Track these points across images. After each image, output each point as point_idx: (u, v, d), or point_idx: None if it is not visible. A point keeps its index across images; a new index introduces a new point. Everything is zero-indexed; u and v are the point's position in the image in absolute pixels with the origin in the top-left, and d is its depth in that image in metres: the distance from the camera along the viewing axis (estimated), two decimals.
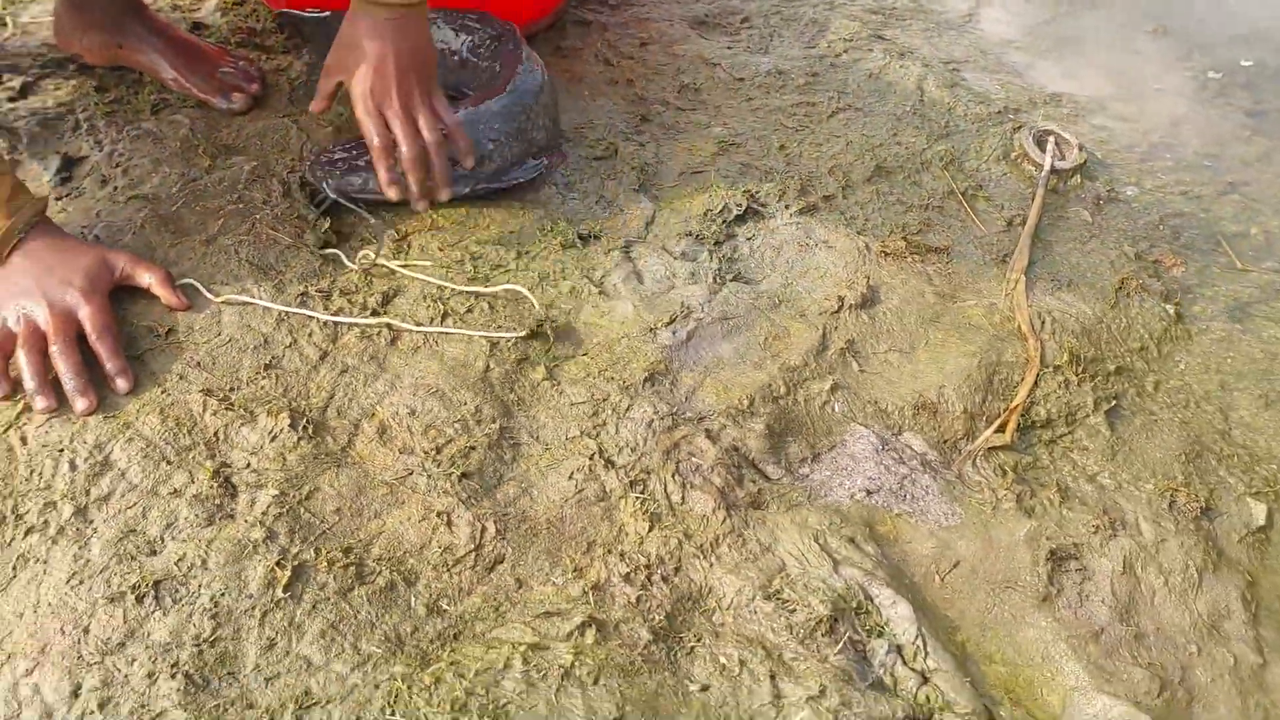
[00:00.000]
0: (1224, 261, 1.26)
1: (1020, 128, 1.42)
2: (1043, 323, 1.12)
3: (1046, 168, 1.35)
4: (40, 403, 0.91)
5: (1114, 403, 1.06)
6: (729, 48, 1.58)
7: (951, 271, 1.18)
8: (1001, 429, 1.01)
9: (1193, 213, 1.34)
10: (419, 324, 1.06)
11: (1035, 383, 1.04)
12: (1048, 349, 1.09)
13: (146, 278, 1.02)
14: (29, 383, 0.92)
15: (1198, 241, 1.29)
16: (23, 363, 0.93)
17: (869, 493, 0.96)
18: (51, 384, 0.93)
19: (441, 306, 1.08)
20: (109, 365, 0.94)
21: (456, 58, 1.32)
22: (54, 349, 0.94)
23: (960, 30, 1.73)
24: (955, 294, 1.16)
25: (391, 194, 1.11)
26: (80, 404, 0.92)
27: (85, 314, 0.96)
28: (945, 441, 1.02)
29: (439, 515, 0.90)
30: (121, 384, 0.94)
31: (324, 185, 1.15)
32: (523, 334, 1.05)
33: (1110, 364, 1.09)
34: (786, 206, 1.25)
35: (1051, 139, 1.40)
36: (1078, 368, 1.07)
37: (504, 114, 1.19)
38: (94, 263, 0.99)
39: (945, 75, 1.55)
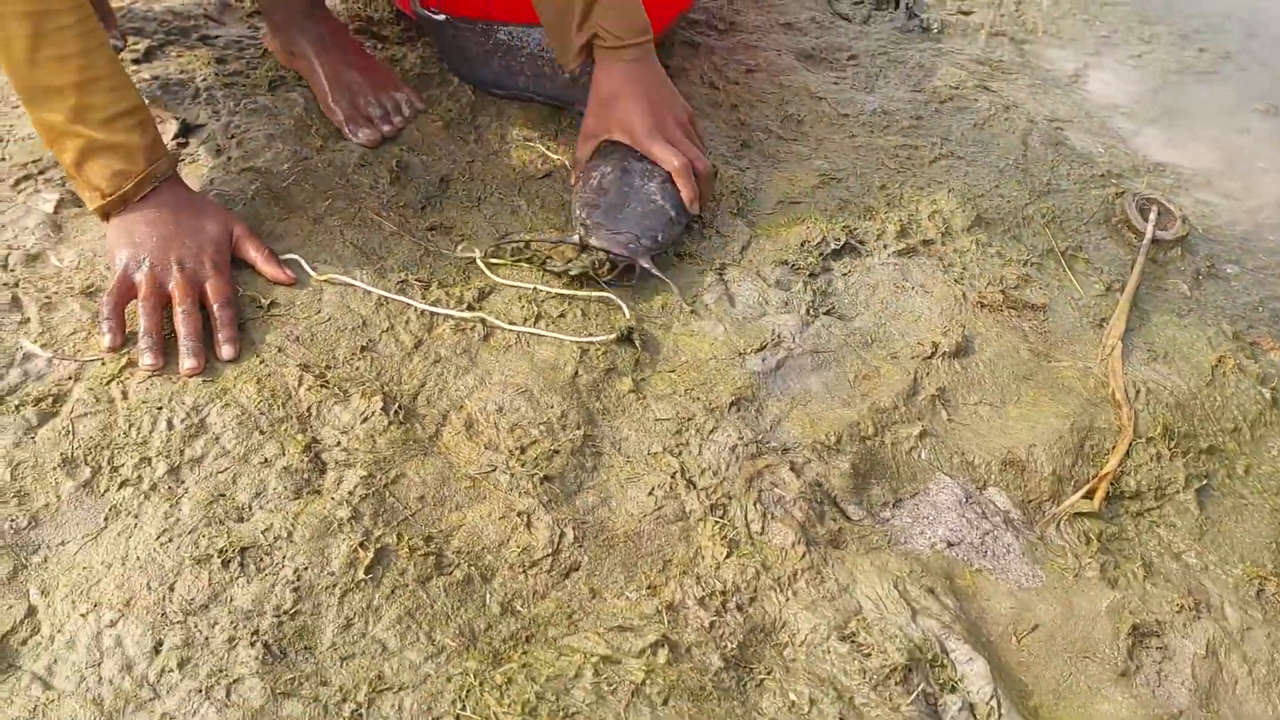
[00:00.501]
0: None
1: (1123, 193, 1.40)
2: (1137, 392, 1.10)
3: (1148, 236, 1.33)
4: (148, 359, 0.93)
5: (1204, 481, 1.03)
6: (835, 83, 1.58)
7: (1047, 330, 1.17)
8: (1089, 495, 0.99)
9: None
10: (512, 323, 1.06)
11: (1127, 452, 1.03)
12: (1141, 419, 1.07)
13: (253, 254, 1.04)
14: (144, 339, 0.94)
15: None
16: (142, 317, 0.94)
17: (950, 544, 0.95)
18: (163, 343, 0.95)
19: (535, 308, 1.09)
20: (222, 334, 0.96)
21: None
22: (180, 310, 0.95)
23: (1066, 89, 1.72)
24: (1050, 353, 1.14)
25: (695, 208, 1.17)
26: (189, 363, 0.93)
27: (212, 284, 0.98)
28: (1030, 501, 1.00)
29: (519, 515, 0.90)
30: (228, 351, 0.96)
31: (629, 248, 1.10)
32: (612, 337, 1.05)
33: (1203, 441, 1.07)
34: (884, 246, 1.24)
35: (1154, 208, 1.38)
36: (1170, 442, 1.04)
37: None
38: (221, 232, 1.03)
39: (1050, 133, 1.54)
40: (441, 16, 1.35)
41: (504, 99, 1.40)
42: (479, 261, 1.13)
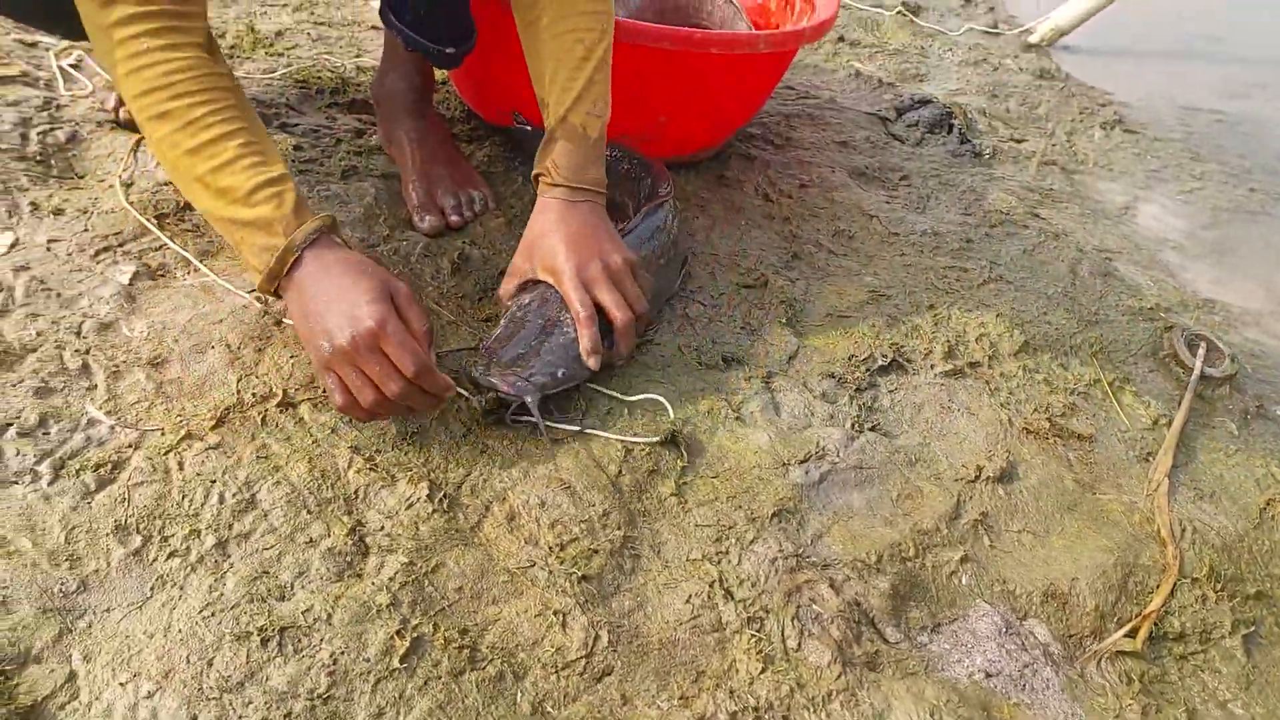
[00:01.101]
0: None
1: (1172, 328, 1.41)
2: (1183, 531, 1.08)
3: (1196, 372, 1.33)
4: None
5: (1251, 628, 1.01)
6: (887, 202, 1.61)
7: (1093, 461, 1.16)
8: (1132, 634, 0.97)
9: None
10: (557, 420, 1.08)
11: (1171, 592, 1.01)
12: (1187, 559, 1.05)
13: (414, 325, 0.98)
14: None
15: None
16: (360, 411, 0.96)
17: (988, 675, 0.93)
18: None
19: (583, 405, 1.11)
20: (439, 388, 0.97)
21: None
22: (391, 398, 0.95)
23: (1116, 221, 1.74)
24: (1095, 485, 1.13)
25: (593, 363, 1.09)
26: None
27: (411, 370, 0.94)
28: (1071, 636, 0.98)
29: (555, 614, 0.90)
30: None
31: (515, 387, 1.03)
32: (656, 439, 1.06)
33: (1250, 586, 1.05)
34: (931, 366, 1.25)
35: (1203, 345, 1.38)
36: (1216, 584, 1.03)
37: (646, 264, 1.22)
38: (382, 308, 0.95)
39: (1099, 263, 1.55)
40: (529, 126, 1.41)
41: None
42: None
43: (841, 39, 2.24)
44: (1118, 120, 2.10)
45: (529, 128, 1.42)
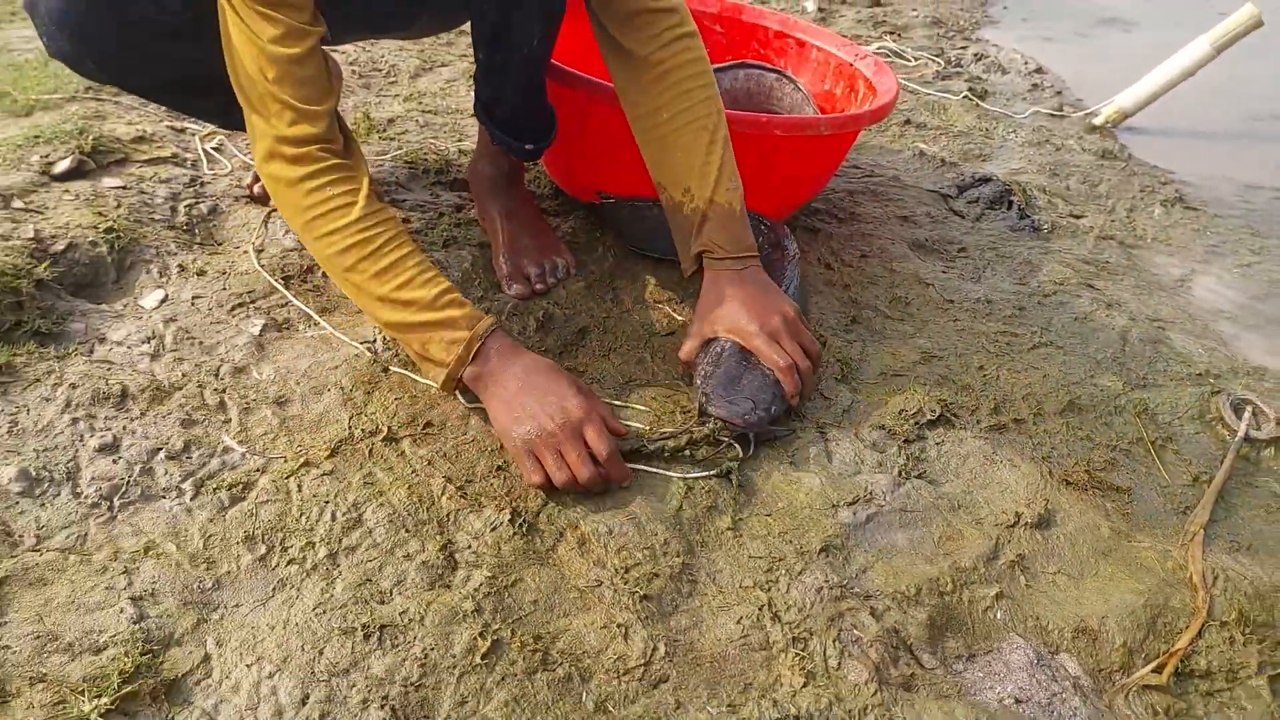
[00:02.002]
0: None
1: (1219, 392, 1.47)
2: (1215, 578, 1.14)
3: (1241, 433, 1.39)
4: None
5: (1279, 669, 1.06)
6: (943, 272, 1.72)
7: (1130, 512, 1.23)
8: (1159, 670, 1.03)
9: None
10: (626, 457, 1.20)
11: (1200, 633, 1.07)
12: (1217, 604, 1.11)
13: (610, 420, 1.18)
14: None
15: None
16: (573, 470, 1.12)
17: (1018, 700, 1.00)
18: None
19: (648, 445, 1.23)
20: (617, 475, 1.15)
21: None
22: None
23: (1171, 292, 1.80)
24: (1131, 533, 1.20)
25: (795, 401, 1.27)
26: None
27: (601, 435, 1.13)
28: (1100, 670, 1.05)
29: (618, 626, 1.00)
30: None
31: (744, 418, 1.22)
32: (713, 473, 1.17)
33: (1278, 632, 1.10)
34: (978, 421, 1.34)
35: (1249, 409, 1.44)
36: (1245, 628, 1.08)
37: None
38: (576, 392, 1.16)
39: (1150, 331, 1.62)
40: (614, 199, 1.57)
41: (650, 259, 1.59)
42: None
43: (908, 121, 2.37)
44: (1178, 198, 2.16)
45: (611, 200, 1.58)
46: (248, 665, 0.90)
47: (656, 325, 1.47)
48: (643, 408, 1.30)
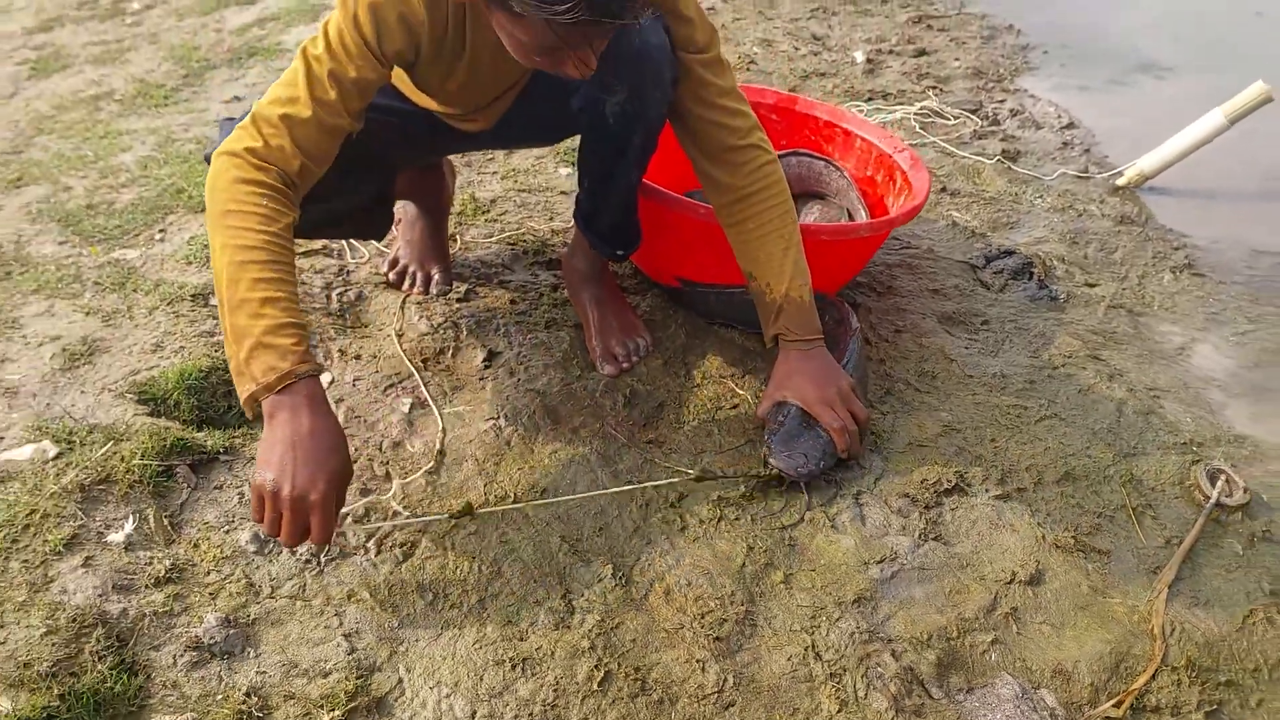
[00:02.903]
0: None
1: (1198, 461, 1.74)
2: (1172, 630, 1.43)
3: (1212, 501, 1.66)
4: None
5: (1216, 707, 1.35)
6: (966, 347, 2.00)
7: (1108, 572, 1.52)
8: (1118, 705, 1.33)
9: None
10: (701, 521, 1.52)
11: (1153, 676, 1.36)
12: (1171, 651, 1.40)
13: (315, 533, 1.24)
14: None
15: None
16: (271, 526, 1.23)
17: None
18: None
19: (719, 510, 1.54)
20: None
21: None
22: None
23: (1170, 361, 2.07)
24: (1106, 590, 1.49)
25: (845, 455, 1.62)
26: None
27: (316, 526, 1.22)
28: (1073, 703, 1.35)
29: (697, 661, 1.33)
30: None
31: (797, 470, 1.57)
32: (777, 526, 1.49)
33: (1223, 676, 1.38)
34: (987, 490, 1.63)
35: (1223, 477, 1.71)
36: (1191, 672, 1.37)
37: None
38: (338, 482, 1.25)
39: (1146, 401, 1.89)
40: (690, 283, 1.90)
41: (715, 336, 1.90)
42: (691, 479, 1.59)
43: (944, 189, 2.64)
44: (1187, 264, 2.41)
45: (689, 285, 1.90)
46: (430, 688, 1.24)
47: (722, 400, 1.78)
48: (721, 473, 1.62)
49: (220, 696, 1.18)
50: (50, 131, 2.53)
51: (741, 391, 1.80)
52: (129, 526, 1.34)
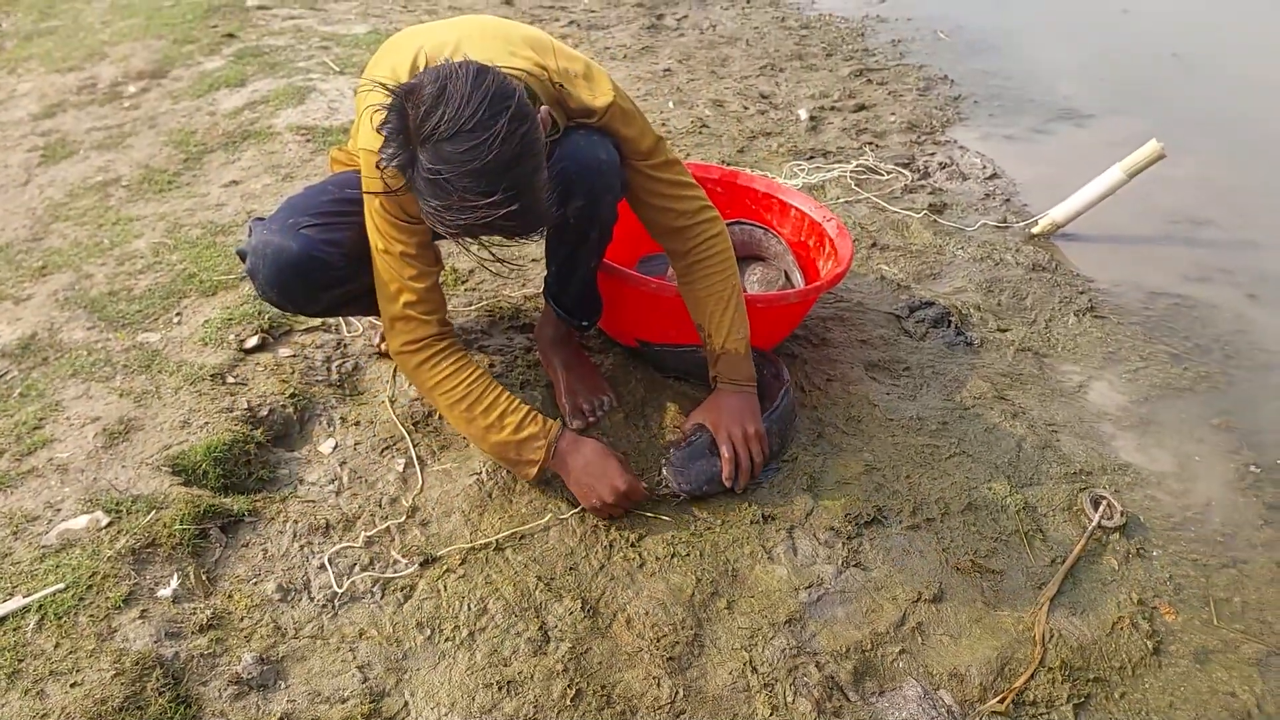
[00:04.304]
0: (1205, 617, 1.80)
1: (1085, 489, 2.03)
2: (1051, 636, 1.71)
3: (1093, 524, 1.95)
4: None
5: (1084, 699, 1.62)
6: (888, 392, 2.29)
7: (999, 589, 1.80)
8: (1001, 701, 1.61)
9: (1196, 577, 1.88)
10: (657, 558, 1.79)
11: (1031, 676, 1.64)
12: (1048, 654, 1.68)
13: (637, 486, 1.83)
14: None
15: (1192, 599, 1.84)
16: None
17: None
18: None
19: (672, 548, 1.81)
20: None
21: None
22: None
23: (1069, 398, 2.36)
24: (998, 604, 1.77)
25: (729, 484, 1.92)
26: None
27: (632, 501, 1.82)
28: (966, 701, 1.62)
29: (654, 678, 1.59)
30: None
31: (678, 485, 1.90)
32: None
33: (1091, 673, 1.67)
34: (900, 521, 1.92)
35: (1104, 502, 2.00)
36: (1064, 671, 1.65)
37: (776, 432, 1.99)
38: (614, 466, 1.83)
39: (1044, 436, 2.19)
40: (648, 344, 2.18)
41: (670, 389, 2.18)
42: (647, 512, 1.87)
43: (874, 244, 2.94)
44: (1090, 307, 2.72)
45: (647, 345, 2.18)
46: (431, 708, 1.50)
47: (669, 449, 2.06)
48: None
49: None
50: (66, 219, 2.78)
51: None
52: (174, 583, 1.59)
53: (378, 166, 1.48)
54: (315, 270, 1.75)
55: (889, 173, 3.38)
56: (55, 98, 3.66)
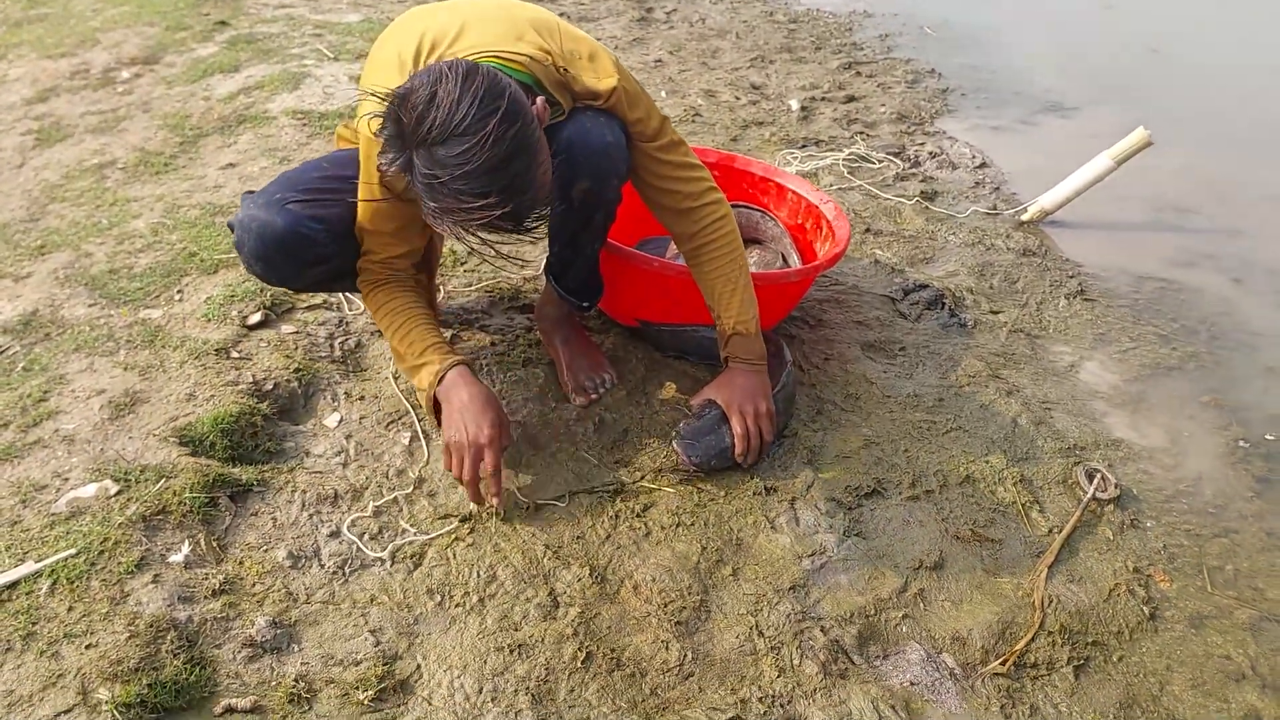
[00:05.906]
0: (1199, 584, 1.84)
1: (1079, 463, 2.07)
2: (1050, 602, 1.74)
3: (1088, 496, 1.99)
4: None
5: (1084, 661, 1.66)
6: (885, 371, 2.32)
7: (999, 557, 1.83)
8: (1004, 663, 1.64)
9: (1190, 546, 1.92)
10: (663, 527, 1.81)
11: (1032, 639, 1.67)
12: (1047, 619, 1.71)
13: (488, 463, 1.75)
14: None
15: (1186, 567, 1.88)
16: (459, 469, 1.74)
17: (913, 684, 1.61)
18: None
19: (677, 518, 1.84)
20: (493, 491, 1.75)
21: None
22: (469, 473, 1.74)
23: (1061, 377, 2.40)
24: (998, 572, 1.80)
25: (740, 460, 1.94)
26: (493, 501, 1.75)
27: (488, 457, 1.73)
28: (967, 663, 1.65)
29: (662, 642, 1.61)
30: (495, 503, 1.76)
31: (688, 458, 1.92)
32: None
33: (1090, 638, 1.70)
34: (900, 493, 1.95)
35: (1099, 475, 2.04)
36: (1063, 635, 1.68)
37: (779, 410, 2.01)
38: (495, 419, 1.76)
39: (1038, 413, 2.22)
40: (649, 324, 2.20)
41: (671, 367, 2.20)
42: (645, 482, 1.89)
43: (868, 229, 2.97)
44: (1080, 291, 2.77)
45: (643, 326, 2.20)
46: (444, 670, 1.52)
47: (679, 423, 2.08)
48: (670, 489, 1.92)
49: (274, 683, 1.45)
50: (63, 200, 2.78)
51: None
52: (186, 549, 1.60)
53: (379, 169, 1.55)
54: (299, 246, 1.75)
55: (880, 161, 3.42)
56: (48, 83, 3.65)
